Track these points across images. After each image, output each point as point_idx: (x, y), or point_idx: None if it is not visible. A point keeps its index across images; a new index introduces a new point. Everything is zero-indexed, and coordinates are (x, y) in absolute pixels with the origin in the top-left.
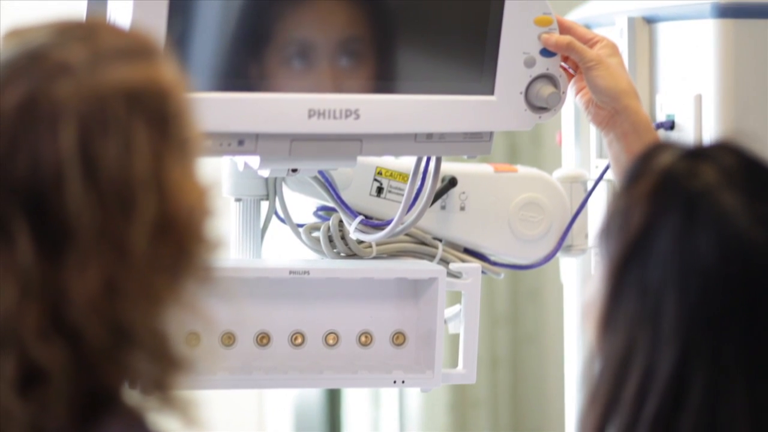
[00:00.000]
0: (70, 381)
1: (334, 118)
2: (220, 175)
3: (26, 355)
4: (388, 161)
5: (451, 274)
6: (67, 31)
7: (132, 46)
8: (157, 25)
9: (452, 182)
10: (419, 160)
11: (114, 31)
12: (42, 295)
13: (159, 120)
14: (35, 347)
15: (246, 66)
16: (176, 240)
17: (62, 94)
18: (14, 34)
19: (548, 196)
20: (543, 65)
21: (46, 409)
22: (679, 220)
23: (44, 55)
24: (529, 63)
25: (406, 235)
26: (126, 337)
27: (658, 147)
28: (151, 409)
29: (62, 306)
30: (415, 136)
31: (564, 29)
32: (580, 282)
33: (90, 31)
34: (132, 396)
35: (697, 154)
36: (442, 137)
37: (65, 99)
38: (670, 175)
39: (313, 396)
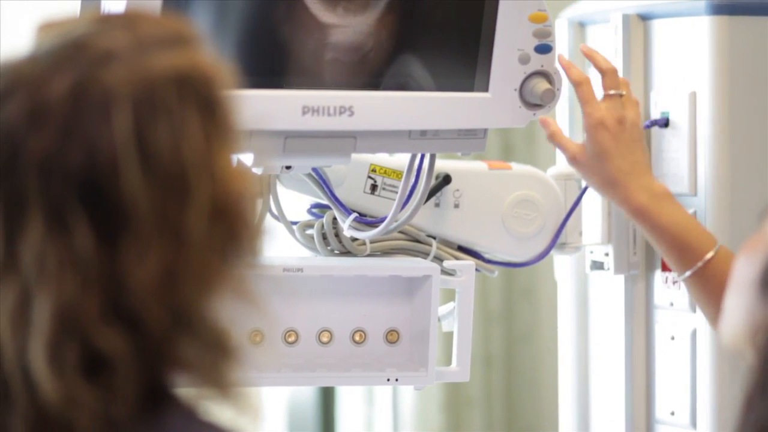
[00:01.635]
0: (135, 368)
1: (328, 114)
2: None
3: (89, 342)
4: (382, 158)
5: (445, 272)
6: (107, 21)
7: (173, 34)
8: None
9: (446, 179)
10: (413, 157)
11: (153, 19)
12: (102, 283)
13: (207, 105)
14: (98, 335)
15: (240, 62)
16: (228, 225)
17: (113, 80)
18: (49, 26)
19: (542, 193)
20: (538, 62)
21: (115, 396)
22: None
23: (88, 44)
24: (524, 60)
25: (400, 232)
26: (183, 323)
27: None
28: (204, 398)
29: (122, 293)
30: (410, 133)
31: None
32: (573, 280)
33: (130, 20)
34: (184, 385)
35: None
36: (437, 134)
37: (117, 85)
38: None
39: (306, 394)
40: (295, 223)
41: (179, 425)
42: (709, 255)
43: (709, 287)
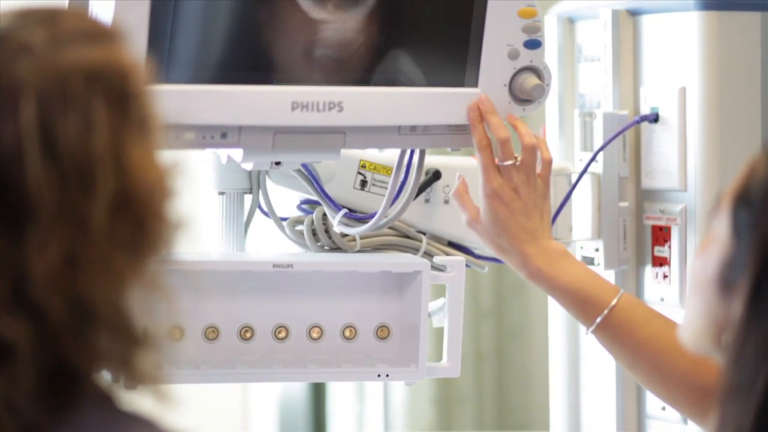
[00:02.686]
0: (37, 356)
1: (318, 110)
2: (188, 159)
3: None
4: (372, 154)
5: (435, 268)
6: (28, 15)
7: (92, 29)
8: (139, 16)
9: (436, 175)
10: (403, 153)
11: (75, 14)
12: (5, 272)
13: (118, 98)
14: (0, 323)
15: (229, 58)
16: (136, 217)
17: (22, 72)
18: None
19: None
20: (527, 57)
21: (16, 384)
22: None
23: (6, 37)
24: (513, 55)
25: (390, 228)
26: (87, 313)
27: None
28: (121, 387)
29: (24, 281)
30: (399, 129)
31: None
32: None
33: (51, 15)
34: (103, 375)
35: None
36: (426, 130)
37: (25, 77)
38: None
39: (297, 390)
40: (284, 219)
41: (93, 414)
42: (613, 302)
43: (618, 336)
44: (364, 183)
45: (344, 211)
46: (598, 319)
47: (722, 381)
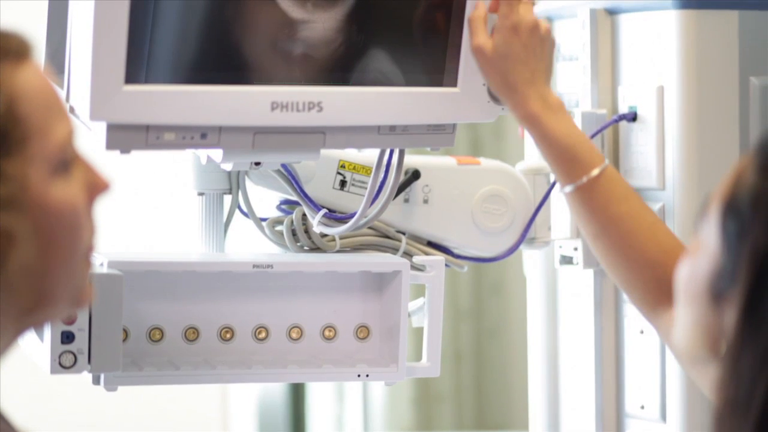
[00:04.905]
0: None
1: (297, 110)
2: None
3: None
4: (352, 154)
5: (414, 267)
6: None
7: None
8: (118, 17)
9: (415, 175)
10: (382, 153)
11: None
12: None
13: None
14: None
15: (208, 58)
16: None
17: None
18: None
19: (511, 188)
20: None
21: None
22: None
23: None
24: None
25: (370, 228)
26: None
27: None
28: None
29: None
30: (378, 129)
31: None
32: (543, 275)
33: None
34: None
35: None
36: (406, 129)
37: None
38: None
39: (276, 390)
40: (264, 219)
41: None
42: (595, 172)
43: (591, 204)
44: (343, 183)
45: (324, 211)
46: (579, 181)
47: (719, 395)
